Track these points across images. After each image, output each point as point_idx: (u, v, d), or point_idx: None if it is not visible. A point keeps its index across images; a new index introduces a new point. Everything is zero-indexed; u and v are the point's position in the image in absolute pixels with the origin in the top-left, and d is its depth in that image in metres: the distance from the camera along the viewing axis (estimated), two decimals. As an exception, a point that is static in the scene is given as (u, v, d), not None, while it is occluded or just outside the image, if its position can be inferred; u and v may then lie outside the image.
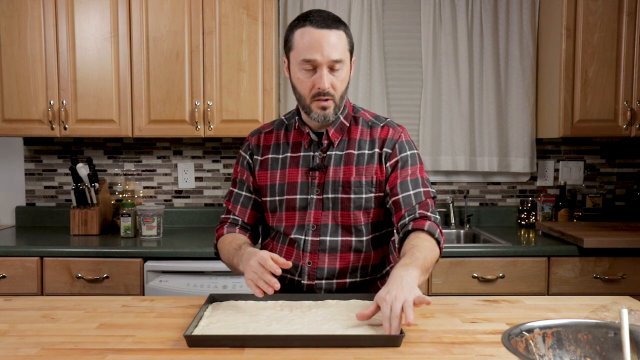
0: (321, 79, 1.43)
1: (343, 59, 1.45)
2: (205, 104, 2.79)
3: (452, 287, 2.54)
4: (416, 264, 1.32)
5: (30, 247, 2.55)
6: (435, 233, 1.46)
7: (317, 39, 1.42)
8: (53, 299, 1.54)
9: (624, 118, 2.82)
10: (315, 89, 1.45)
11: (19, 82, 2.77)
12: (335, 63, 1.43)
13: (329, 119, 1.49)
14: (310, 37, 1.42)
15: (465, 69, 3.10)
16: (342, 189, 1.52)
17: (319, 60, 1.42)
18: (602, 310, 1.30)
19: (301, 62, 1.44)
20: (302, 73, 1.45)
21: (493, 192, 3.24)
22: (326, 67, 1.43)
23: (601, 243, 2.50)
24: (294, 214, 1.55)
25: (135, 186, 3.20)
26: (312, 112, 1.48)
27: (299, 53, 1.44)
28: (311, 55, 1.42)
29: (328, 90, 1.44)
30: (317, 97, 1.45)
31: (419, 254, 1.36)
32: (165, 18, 2.77)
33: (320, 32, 1.42)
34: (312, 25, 1.43)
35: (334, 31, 1.43)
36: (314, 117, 1.49)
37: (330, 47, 1.42)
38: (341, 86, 1.47)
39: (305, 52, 1.43)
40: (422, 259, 1.35)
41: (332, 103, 1.47)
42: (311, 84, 1.45)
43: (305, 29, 1.44)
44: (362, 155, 1.54)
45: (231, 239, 1.56)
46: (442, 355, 1.12)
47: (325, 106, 1.46)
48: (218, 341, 1.16)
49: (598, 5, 2.79)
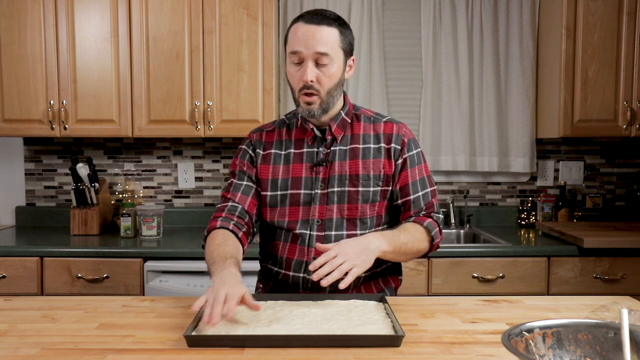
0: (304, 71, 1.46)
1: (330, 54, 1.46)
2: (205, 104, 2.79)
3: (452, 287, 2.54)
4: (391, 240, 1.43)
5: (30, 247, 2.55)
6: (432, 230, 1.55)
7: (305, 32, 1.45)
8: (53, 299, 1.54)
9: (624, 118, 2.82)
10: (301, 82, 1.47)
11: (19, 82, 2.77)
12: (320, 56, 1.45)
13: (313, 113, 1.50)
14: (298, 31, 1.47)
15: (465, 69, 3.10)
16: (349, 182, 1.53)
17: (304, 52, 1.45)
18: (602, 310, 1.30)
19: (289, 54, 1.49)
20: (291, 67, 1.49)
21: (493, 192, 3.25)
22: (311, 60, 1.45)
23: (601, 243, 2.50)
24: (298, 208, 1.55)
25: (135, 186, 3.20)
26: (300, 106, 1.51)
27: (288, 47, 1.49)
28: (297, 47, 1.46)
29: (312, 84, 1.46)
30: (303, 91, 1.48)
31: (401, 235, 1.47)
32: (165, 18, 2.77)
33: (309, 27, 1.46)
34: (303, 21, 1.48)
35: (324, 27, 1.46)
36: (300, 112, 1.52)
37: (315, 40, 1.44)
38: (328, 82, 1.48)
39: (293, 45, 1.47)
40: (401, 240, 1.46)
41: (318, 99, 1.48)
42: (298, 78, 1.48)
43: (297, 25, 1.49)
44: (368, 149, 1.56)
45: (221, 241, 1.45)
46: (442, 355, 1.12)
47: (310, 101, 1.49)
48: (218, 341, 1.16)
49: (598, 5, 2.79)
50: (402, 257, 1.51)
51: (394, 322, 1.24)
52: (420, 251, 1.54)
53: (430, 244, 1.56)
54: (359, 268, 1.34)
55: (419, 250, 1.54)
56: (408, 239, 1.48)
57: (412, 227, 1.52)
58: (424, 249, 1.55)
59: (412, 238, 1.50)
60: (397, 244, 1.45)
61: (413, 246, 1.50)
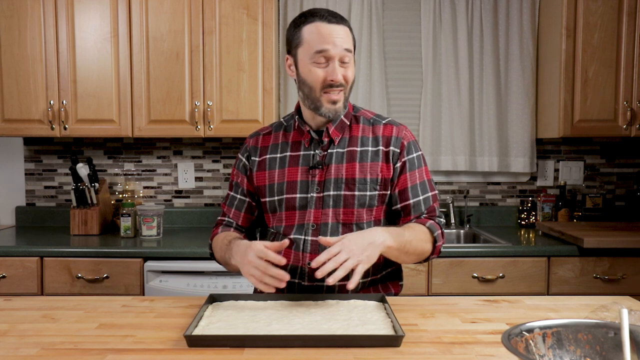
0: (334, 71, 1.46)
1: (352, 50, 1.50)
2: (205, 104, 2.79)
3: (452, 287, 2.54)
4: (396, 237, 1.40)
5: (30, 247, 2.55)
6: (435, 232, 1.52)
7: (329, 32, 1.46)
8: (53, 299, 1.54)
9: (624, 118, 2.82)
10: (327, 81, 1.47)
11: (19, 82, 2.77)
12: (346, 53, 1.47)
13: (339, 113, 1.51)
14: (321, 30, 1.47)
15: (465, 68, 3.10)
16: (345, 186, 1.52)
17: (332, 51, 1.45)
18: (602, 310, 1.30)
19: (314, 54, 1.47)
20: (314, 66, 1.48)
21: (493, 192, 3.24)
22: (338, 59, 1.47)
23: (601, 243, 2.50)
24: (294, 213, 1.54)
25: (135, 186, 3.20)
26: (323, 106, 1.50)
27: (310, 46, 1.47)
28: (324, 46, 1.45)
29: (341, 82, 1.48)
30: (328, 90, 1.48)
31: (406, 233, 1.44)
32: (165, 18, 2.78)
33: (330, 26, 1.47)
34: (322, 20, 1.48)
35: (342, 26, 1.49)
36: (323, 112, 1.50)
37: (342, 39, 1.47)
38: (351, 78, 1.51)
39: (318, 44, 1.46)
40: (406, 238, 1.43)
41: (343, 95, 1.50)
42: (324, 76, 1.47)
43: (315, 24, 1.48)
44: (366, 152, 1.54)
45: (224, 236, 1.57)
46: (442, 355, 1.12)
47: (336, 100, 1.49)
48: (218, 341, 1.16)
49: (598, 5, 2.79)
50: (406, 256, 1.46)
51: (394, 322, 1.24)
52: (423, 252, 1.51)
53: (433, 246, 1.53)
54: (364, 264, 1.30)
55: (423, 252, 1.50)
56: (412, 237, 1.45)
57: (416, 227, 1.50)
58: (428, 250, 1.51)
59: (417, 237, 1.46)
60: (402, 241, 1.41)
61: (417, 246, 1.47)
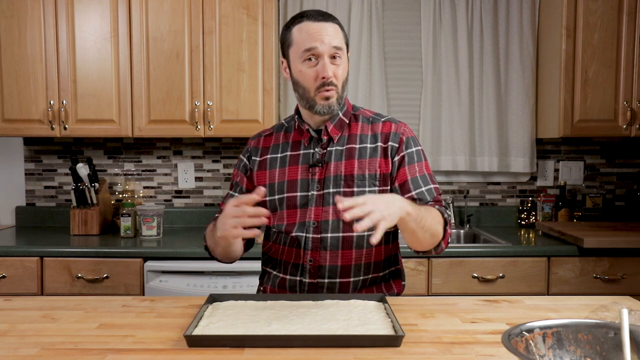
0: (324, 68, 1.46)
1: (342, 47, 1.50)
2: (205, 104, 2.79)
3: (452, 287, 2.54)
4: (414, 208, 1.33)
5: (30, 247, 2.55)
6: (444, 213, 1.48)
7: (317, 29, 1.46)
8: (53, 299, 1.54)
9: (624, 118, 2.82)
10: (319, 80, 1.47)
11: (19, 82, 2.77)
12: (336, 50, 1.47)
13: (333, 109, 1.51)
14: (309, 28, 1.47)
15: (465, 68, 3.10)
16: (344, 182, 1.52)
17: (320, 48, 1.46)
18: (602, 310, 1.30)
19: (302, 53, 1.47)
20: (304, 65, 1.48)
21: (493, 192, 3.24)
22: (327, 56, 1.46)
23: (601, 243, 2.50)
24: (295, 211, 1.54)
25: (135, 186, 3.20)
26: (317, 104, 1.49)
27: (299, 46, 1.48)
28: (312, 44, 1.46)
29: (331, 80, 1.47)
30: (321, 88, 1.47)
31: (422, 209, 1.38)
32: (165, 18, 2.77)
33: (318, 24, 1.47)
34: (309, 20, 1.48)
35: (330, 24, 1.49)
36: (318, 110, 1.50)
37: (330, 35, 1.47)
38: (342, 76, 1.51)
39: (306, 42, 1.46)
40: (422, 212, 1.36)
41: (335, 93, 1.49)
42: (314, 75, 1.47)
43: (302, 24, 1.49)
44: (365, 149, 1.55)
45: (212, 226, 1.54)
46: (442, 355, 1.12)
47: (329, 96, 1.48)
48: (218, 341, 1.16)
49: (598, 5, 2.79)
50: (422, 231, 1.38)
51: (394, 322, 1.24)
52: (436, 233, 1.42)
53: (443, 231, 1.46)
54: (386, 222, 1.21)
55: (436, 232, 1.42)
56: (426, 214, 1.38)
57: (428, 207, 1.43)
58: (440, 232, 1.44)
59: (430, 215, 1.40)
60: (419, 213, 1.34)
61: (432, 224, 1.39)
